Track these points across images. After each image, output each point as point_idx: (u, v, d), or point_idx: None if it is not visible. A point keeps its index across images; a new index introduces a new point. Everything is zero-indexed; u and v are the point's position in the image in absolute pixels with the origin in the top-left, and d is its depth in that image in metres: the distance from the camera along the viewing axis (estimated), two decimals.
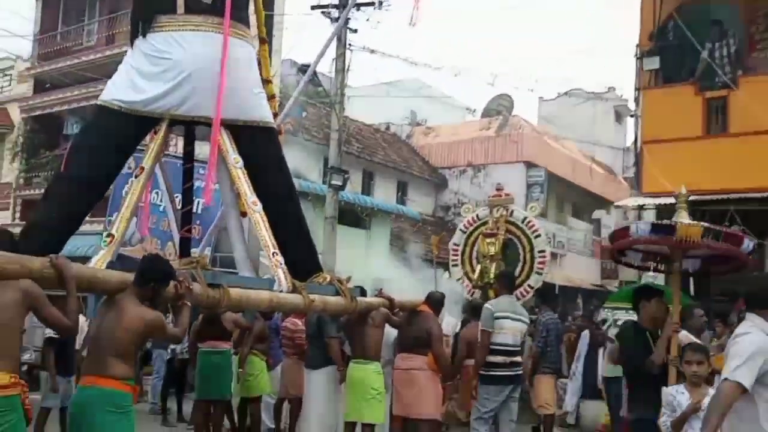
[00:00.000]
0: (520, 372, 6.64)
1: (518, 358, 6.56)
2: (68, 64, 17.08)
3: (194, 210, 6.99)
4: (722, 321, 8.20)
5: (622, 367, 5.21)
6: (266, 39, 6.53)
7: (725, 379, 3.25)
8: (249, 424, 7.39)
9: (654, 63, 10.66)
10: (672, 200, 9.72)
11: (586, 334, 8.97)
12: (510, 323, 6.41)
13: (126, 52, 5.61)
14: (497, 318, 6.39)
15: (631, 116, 13.08)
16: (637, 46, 11.25)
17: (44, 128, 17.73)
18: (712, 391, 3.81)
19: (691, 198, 9.49)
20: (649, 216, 11.65)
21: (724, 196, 9.69)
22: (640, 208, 11.67)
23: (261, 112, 5.64)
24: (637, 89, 11.62)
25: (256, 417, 7.37)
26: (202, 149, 6.66)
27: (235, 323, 7.04)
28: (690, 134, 10.29)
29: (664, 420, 4.12)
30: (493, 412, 6.41)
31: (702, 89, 10.34)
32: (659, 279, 10.68)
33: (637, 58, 11.18)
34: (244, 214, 5.74)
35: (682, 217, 4.65)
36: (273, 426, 7.73)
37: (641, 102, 11.28)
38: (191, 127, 5.61)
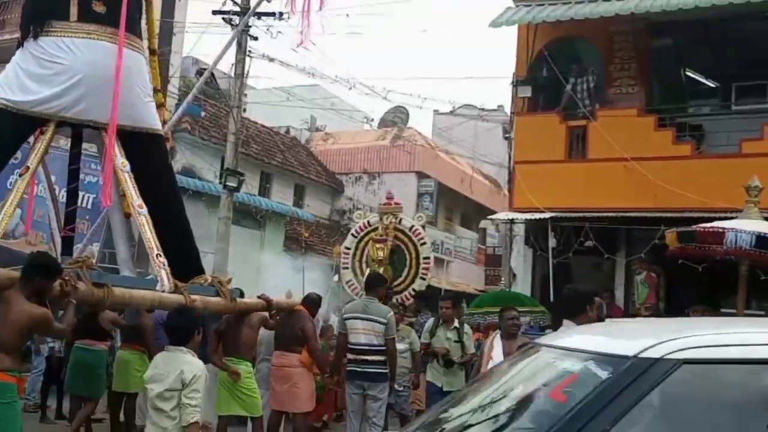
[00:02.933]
0: (379, 371, 6.60)
1: (374, 357, 6.58)
2: None
3: (82, 205, 7.19)
4: None
5: None
6: (156, 50, 6.88)
7: None
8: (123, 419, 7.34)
9: (527, 91, 11.65)
10: (539, 215, 10.80)
11: None
12: (360, 323, 6.61)
13: (16, 38, 5.80)
14: (346, 319, 6.73)
15: (505, 138, 14.14)
16: (514, 74, 12.24)
17: None
18: None
19: (553, 215, 10.69)
20: (519, 230, 12.72)
21: (581, 214, 10.61)
22: (511, 222, 12.69)
23: (149, 119, 5.98)
24: (512, 114, 12.66)
25: (132, 413, 7.32)
26: (91, 148, 6.93)
27: (113, 322, 7.07)
28: (554, 157, 11.22)
29: None
30: (355, 408, 6.68)
31: (566, 118, 11.27)
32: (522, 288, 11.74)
33: (513, 86, 12.18)
34: (128, 215, 6.07)
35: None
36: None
37: (515, 125, 12.31)
38: (78, 130, 5.88)
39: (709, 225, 7.50)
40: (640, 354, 2.06)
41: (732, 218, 7.70)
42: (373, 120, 28.62)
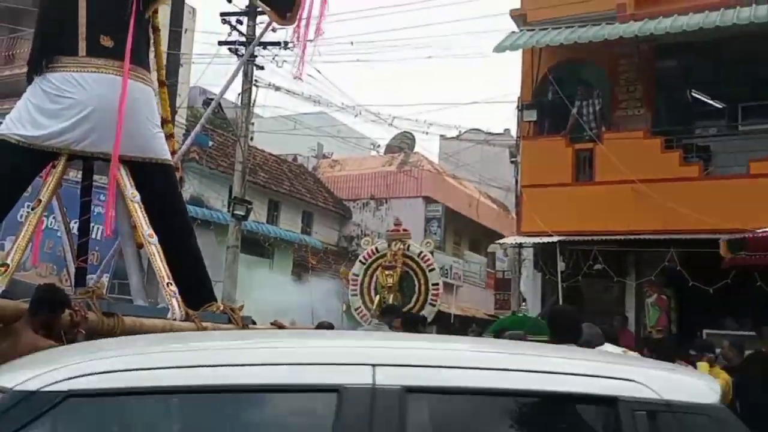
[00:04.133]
0: None
1: None
2: None
3: (93, 236, 7.22)
4: None
5: None
6: (165, 81, 6.97)
7: None
8: None
9: (532, 115, 11.70)
10: (548, 239, 10.76)
11: None
12: None
13: (24, 73, 5.88)
14: None
15: (511, 162, 14.18)
16: (519, 98, 12.31)
17: None
18: None
19: (561, 239, 10.67)
20: (528, 254, 12.70)
21: (589, 238, 10.61)
22: (519, 246, 12.66)
23: (158, 149, 6.03)
24: (518, 138, 12.70)
25: None
26: (103, 180, 6.99)
27: None
28: (561, 181, 11.24)
29: None
30: None
31: (572, 141, 11.31)
32: (532, 311, 11.66)
33: (519, 110, 12.23)
34: (140, 245, 6.10)
35: None
36: None
37: (521, 149, 12.34)
38: (89, 163, 5.94)
39: (760, 230, 7.42)
40: (18, 386, 1.76)
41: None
42: (379, 146, 28.78)
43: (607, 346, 5.06)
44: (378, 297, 11.87)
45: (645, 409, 1.97)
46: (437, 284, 12.22)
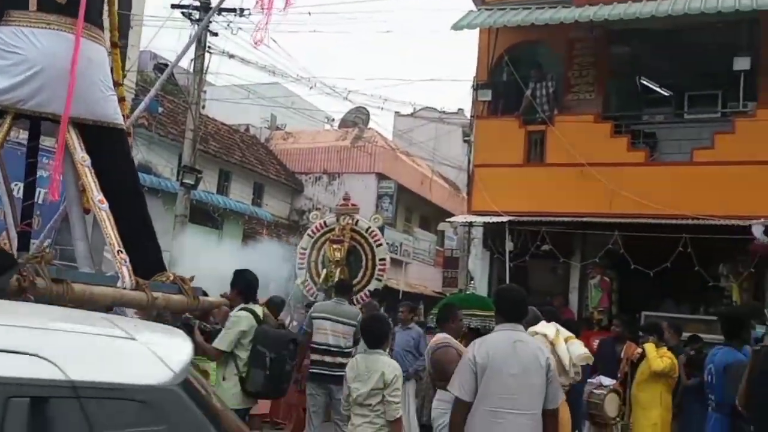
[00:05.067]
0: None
1: (343, 359, 6.44)
2: None
3: (36, 201, 6.98)
4: None
5: None
6: (118, 43, 6.76)
7: None
8: None
9: (487, 95, 11.79)
10: (497, 219, 10.93)
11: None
12: (329, 324, 6.64)
13: None
14: (314, 318, 6.75)
15: (465, 141, 14.29)
16: (475, 78, 12.38)
17: None
18: None
19: (510, 218, 10.84)
20: (478, 233, 12.87)
21: (538, 219, 10.76)
22: (469, 225, 12.82)
23: (111, 112, 5.84)
24: (472, 117, 12.79)
25: None
26: (49, 142, 6.78)
27: None
28: (513, 161, 11.37)
29: None
30: (316, 407, 6.62)
31: (525, 123, 11.44)
32: (480, 290, 11.87)
33: (474, 89, 12.31)
34: (87, 210, 5.93)
35: None
36: None
37: (474, 129, 12.44)
38: (36, 123, 5.73)
39: None
40: None
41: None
42: (333, 120, 28.60)
43: (541, 325, 5.23)
44: (325, 271, 11.86)
45: (31, 395, 1.49)
46: (384, 259, 12.25)
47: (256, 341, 5.74)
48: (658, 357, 7.08)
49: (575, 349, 5.11)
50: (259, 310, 5.98)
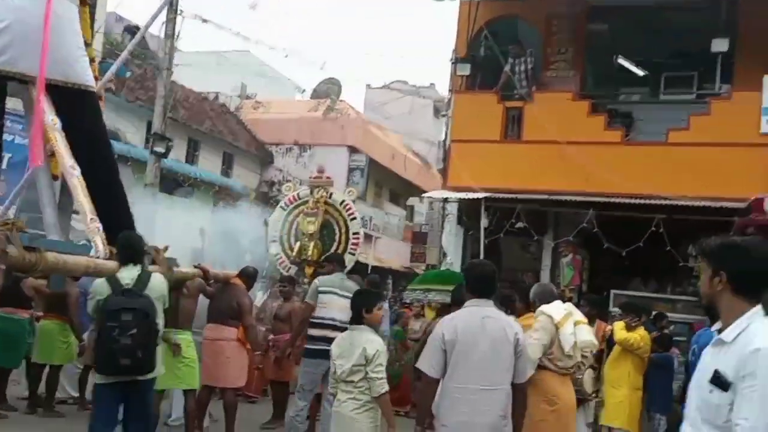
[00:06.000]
0: None
1: None
2: None
3: (0, 166, 6.71)
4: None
5: None
6: (87, 1, 6.45)
7: None
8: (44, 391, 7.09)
9: (465, 69, 11.64)
10: (473, 195, 10.89)
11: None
12: (337, 299, 6.38)
13: None
14: (321, 292, 6.45)
15: (442, 115, 14.16)
16: (453, 51, 12.21)
17: None
18: None
19: (486, 195, 10.80)
20: (452, 208, 12.83)
21: (513, 196, 10.71)
22: (445, 200, 12.76)
23: (82, 74, 5.60)
24: (450, 91, 12.67)
25: (54, 385, 7.14)
26: (14, 104, 6.46)
27: (36, 290, 6.79)
28: (490, 137, 11.29)
29: None
30: (312, 385, 6.38)
31: (503, 98, 11.36)
32: (454, 266, 11.86)
33: (452, 63, 12.17)
34: (55, 177, 5.70)
35: None
36: (78, 395, 7.68)
37: (452, 103, 12.33)
38: (2, 83, 5.46)
39: None
40: None
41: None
42: (305, 90, 28.21)
43: (554, 305, 5.16)
44: (299, 244, 11.73)
45: None
46: (357, 234, 12.11)
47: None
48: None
49: (582, 335, 5.09)
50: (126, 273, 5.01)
